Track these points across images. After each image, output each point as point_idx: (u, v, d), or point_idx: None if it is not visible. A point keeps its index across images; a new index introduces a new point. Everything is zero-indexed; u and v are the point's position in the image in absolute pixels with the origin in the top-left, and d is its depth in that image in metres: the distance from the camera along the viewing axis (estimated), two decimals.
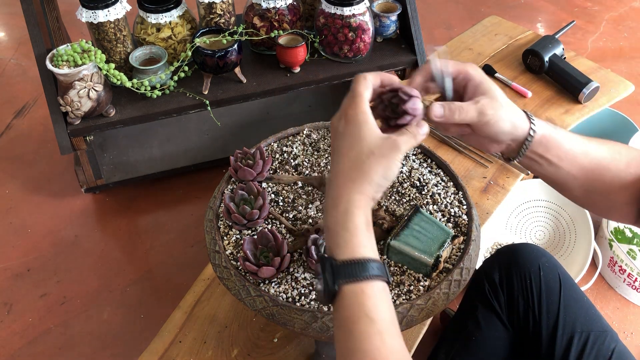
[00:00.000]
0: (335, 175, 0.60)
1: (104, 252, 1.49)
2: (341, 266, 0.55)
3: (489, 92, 0.66)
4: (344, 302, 0.55)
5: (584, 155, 0.71)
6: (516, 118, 0.67)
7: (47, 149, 1.76)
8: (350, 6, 1.33)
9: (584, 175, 0.71)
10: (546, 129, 0.69)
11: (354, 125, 0.60)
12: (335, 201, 0.58)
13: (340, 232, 0.57)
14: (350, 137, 0.59)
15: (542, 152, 0.69)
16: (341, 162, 0.59)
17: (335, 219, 0.58)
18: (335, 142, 0.61)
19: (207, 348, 0.94)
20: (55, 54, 1.22)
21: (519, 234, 1.52)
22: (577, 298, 0.89)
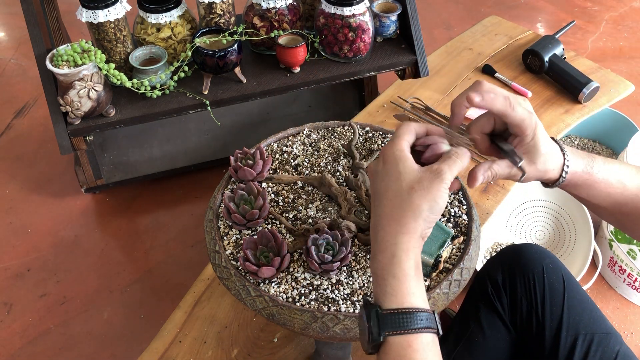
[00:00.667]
0: (377, 218, 0.56)
1: (104, 252, 1.49)
2: (387, 316, 0.52)
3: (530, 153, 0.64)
4: (389, 355, 0.52)
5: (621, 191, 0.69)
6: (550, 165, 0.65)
7: (47, 149, 1.76)
8: (350, 6, 1.33)
9: (618, 209, 0.70)
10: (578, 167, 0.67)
11: (390, 163, 0.57)
12: (380, 245, 0.55)
13: (387, 279, 0.54)
14: (388, 176, 0.57)
15: (571, 190, 0.69)
16: (382, 204, 0.56)
17: (382, 265, 0.55)
18: (373, 184, 0.59)
19: (207, 348, 0.94)
20: (55, 54, 1.22)
21: (519, 234, 1.52)
22: (581, 300, 0.88)
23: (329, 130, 0.96)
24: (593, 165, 0.68)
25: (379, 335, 0.52)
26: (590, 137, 1.72)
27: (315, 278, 0.75)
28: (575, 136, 1.72)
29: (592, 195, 0.69)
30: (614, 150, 1.68)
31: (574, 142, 1.71)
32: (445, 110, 1.43)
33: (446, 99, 1.47)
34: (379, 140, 0.95)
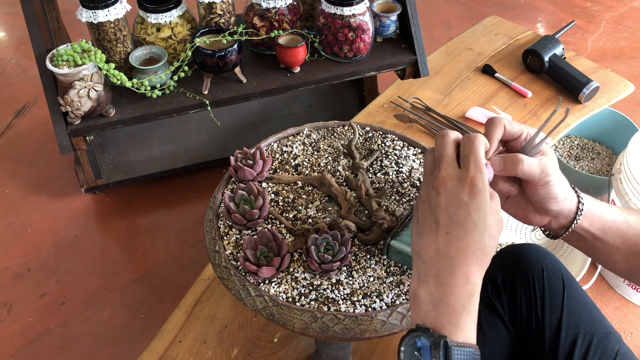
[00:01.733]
0: (457, 251, 0.56)
1: (104, 252, 1.49)
2: (457, 348, 0.53)
3: (548, 154, 0.64)
4: None
5: (627, 227, 0.69)
6: (568, 189, 0.66)
7: (47, 149, 1.76)
8: (350, 6, 1.33)
9: (627, 247, 0.70)
10: (590, 202, 0.68)
11: (481, 202, 0.57)
12: (458, 279, 0.55)
13: (461, 313, 0.54)
14: (477, 215, 0.56)
15: (587, 226, 0.68)
16: (464, 239, 0.56)
17: (457, 297, 0.55)
18: (452, 207, 0.57)
19: (207, 348, 0.94)
20: (55, 54, 1.22)
21: (519, 234, 1.51)
22: (581, 299, 0.88)
23: (329, 130, 0.96)
24: (600, 204, 0.70)
25: None
26: (590, 137, 1.72)
27: (315, 278, 0.75)
28: (575, 136, 1.72)
29: (605, 231, 0.69)
30: (614, 150, 1.68)
31: (574, 142, 1.71)
32: (445, 110, 1.43)
33: (446, 99, 1.47)
34: (379, 140, 0.95)
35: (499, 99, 1.45)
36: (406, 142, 0.96)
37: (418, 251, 0.59)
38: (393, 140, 0.95)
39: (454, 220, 0.57)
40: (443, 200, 0.58)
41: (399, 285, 0.75)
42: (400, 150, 0.94)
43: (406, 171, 0.90)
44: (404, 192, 0.87)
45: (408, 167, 0.90)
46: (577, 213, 0.67)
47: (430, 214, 0.58)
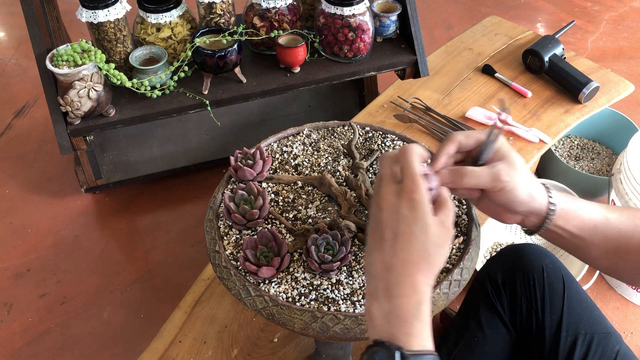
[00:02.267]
0: (400, 262, 0.58)
1: (104, 252, 1.49)
2: (412, 356, 0.54)
3: (506, 158, 0.65)
4: None
5: (605, 224, 0.70)
6: (534, 189, 0.66)
7: (47, 149, 1.76)
8: (350, 6, 1.33)
9: (606, 245, 0.70)
10: (564, 201, 0.68)
11: (420, 213, 0.58)
12: (405, 290, 0.57)
13: (412, 322, 0.56)
14: (417, 226, 0.58)
15: (562, 224, 0.69)
16: (407, 251, 0.58)
17: (406, 308, 0.56)
18: (393, 221, 0.59)
19: (207, 348, 0.94)
20: (55, 54, 1.22)
21: (519, 233, 1.51)
22: (581, 299, 0.88)
23: (329, 130, 0.96)
24: (573, 198, 0.70)
25: None
26: (590, 137, 1.72)
27: (315, 278, 0.75)
28: (575, 136, 1.72)
29: (582, 228, 0.69)
30: (614, 150, 1.68)
31: (574, 142, 1.71)
32: (445, 110, 1.43)
33: (446, 99, 1.47)
34: (379, 140, 0.96)
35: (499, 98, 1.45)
36: (406, 142, 0.96)
37: (368, 267, 0.60)
38: (393, 140, 0.95)
39: (397, 234, 0.58)
40: (385, 215, 0.59)
41: None
42: None
43: None
44: None
45: None
46: (549, 212, 0.68)
47: (377, 231, 0.60)
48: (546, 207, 0.68)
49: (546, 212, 0.68)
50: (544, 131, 1.36)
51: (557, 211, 0.68)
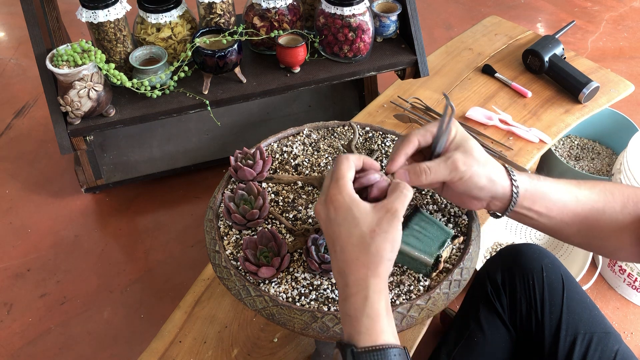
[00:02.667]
0: (343, 263, 0.58)
1: (104, 252, 1.49)
2: (363, 354, 0.54)
3: (462, 146, 0.65)
4: None
5: (575, 202, 0.69)
6: (494, 173, 0.66)
7: (47, 149, 1.76)
8: (350, 6, 1.33)
9: (578, 222, 0.70)
10: (529, 183, 0.68)
11: (345, 210, 0.59)
12: (352, 289, 0.57)
13: (361, 319, 0.56)
14: (346, 222, 0.58)
15: (529, 205, 0.69)
16: (346, 250, 0.58)
17: (355, 307, 0.57)
18: (329, 229, 0.60)
19: (207, 348, 0.94)
20: (55, 54, 1.22)
21: (519, 234, 1.51)
22: (580, 299, 0.88)
23: (329, 130, 0.96)
24: (539, 179, 0.70)
25: None
26: (590, 137, 1.72)
27: (315, 278, 0.75)
28: (575, 136, 1.72)
29: (550, 208, 0.69)
30: (614, 150, 1.68)
31: (574, 142, 1.71)
32: None
33: None
34: (379, 140, 0.96)
35: (499, 99, 1.45)
36: None
37: (339, 286, 0.61)
38: (393, 140, 0.95)
39: (333, 238, 0.59)
40: (323, 227, 0.61)
41: (399, 285, 0.75)
42: None
43: None
44: None
45: None
46: (512, 195, 0.68)
47: (331, 249, 0.61)
48: (509, 191, 0.68)
49: (510, 196, 0.68)
50: (544, 131, 1.36)
51: (521, 193, 0.67)
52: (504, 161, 1.24)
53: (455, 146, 0.66)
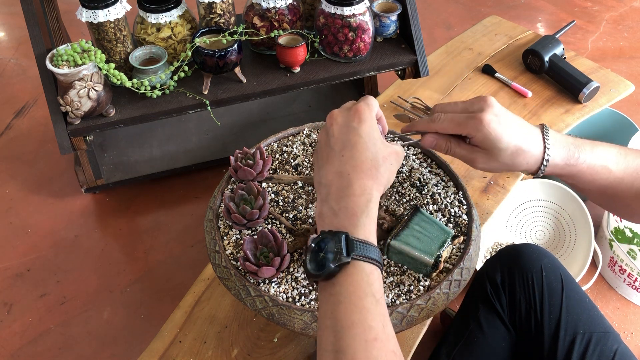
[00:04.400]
0: (352, 169, 0.61)
1: (104, 252, 1.49)
2: (357, 242, 0.56)
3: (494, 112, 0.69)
4: (351, 278, 0.55)
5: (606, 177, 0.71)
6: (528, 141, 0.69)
7: (47, 149, 1.76)
8: (350, 6, 1.33)
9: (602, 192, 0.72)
10: (562, 165, 0.70)
11: (369, 126, 0.62)
12: (356, 190, 0.60)
13: (360, 216, 0.59)
14: (366, 137, 0.62)
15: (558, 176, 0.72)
16: (359, 158, 0.61)
17: (358, 204, 0.59)
18: (344, 135, 0.62)
19: (207, 348, 0.94)
20: (55, 54, 1.22)
21: (519, 234, 1.52)
22: (580, 299, 0.89)
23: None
24: (579, 156, 0.71)
25: (348, 256, 0.55)
26: (591, 137, 1.71)
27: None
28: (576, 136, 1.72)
29: (576, 183, 0.72)
30: None
31: None
32: None
33: (446, 99, 1.47)
34: None
35: (499, 98, 1.45)
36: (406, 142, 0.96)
37: (319, 180, 0.63)
38: (393, 140, 0.95)
39: (347, 145, 0.62)
40: (336, 130, 0.63)
41: (399, 285, 0.75)
42: None
43: (406, 171, 0.90)
44: (404, 192, 0.87)
45: (408, 167, 0.90)
46: (540, 170, 0.71)
47: (326, 147, 0.64)
48: (537, 165, 0.70)
49: (536, 171, 0.71)
50: None
51: (549, 171, 0.70)
52: None
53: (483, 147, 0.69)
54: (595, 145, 0.71)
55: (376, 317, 0.53)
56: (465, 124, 0.68)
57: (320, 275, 0.56)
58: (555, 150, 0.69)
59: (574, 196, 1.44)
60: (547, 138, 0.69)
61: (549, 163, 0.69)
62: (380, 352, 0.51)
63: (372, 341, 0.51)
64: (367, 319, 0.53)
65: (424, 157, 0.93)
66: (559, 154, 0.69)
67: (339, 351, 0.52)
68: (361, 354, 0.50)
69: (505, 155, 0.68)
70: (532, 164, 0.69)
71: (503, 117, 0.68)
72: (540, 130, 0.71)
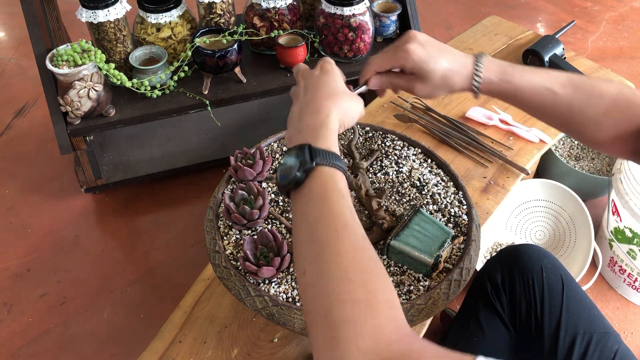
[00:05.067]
0: (315, 95, 0.69)
1: (104, 252, 1.49)
2: (320, 151, 0.61)
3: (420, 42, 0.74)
4: (318, 181, 0.60)
5: (550, 95, 0.73)
6: (458, 63, 0.73)
7: (47, 149, 1.76)
8: (350, 6, 1.33)
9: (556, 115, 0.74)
10: (497, 82, 0.74)
11: (332, 72, 0.71)
12: (318, 109, 0.67)
13: (320, 130, 0.64)
14: (327, 77, 0.71)
15: (499, 98, 0.75)
16: (321, 88, 0.69)
17: (318, 120, 0.66)
18: (310, 80, 0.71)
19: (207, 348, 0.94)
20: (55, 54, 1.22)
21: (519, 234, 1.51)
22: (580, 299, 0.88)
23: None
24: (514, 73, 0.73)
25: (312, 162, 0.60)
26: None
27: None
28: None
29: (523, 104, 0.75)
30: None
31: (574, 141, 1.71)
32: (445, 110, 1.43)
33: (446, 99, 1.47)
34: (379, 140, 0.95)
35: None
36: (406, 142, 0.96)
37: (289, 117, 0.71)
38: (393, 140, 0.95)
39: (309, 85, 0.71)
40: (301, 79, 0.72)
41: (399, 286, 0.75)
42: (400, 150, 0.94)
43: (406, 171, 0.90)
44: (404, 192, 0.87)
45: (408, 167, 0.90)
46: (473, 85, 0.74)
47: (295, 95, 0.72)
48: (469, 84, 0.74)
49: (471, 89, 0.74)
50: (544, 131, 1.36)
51: (485, 89, 0.74)
52: (504, 161, 1.24)
53: (414, 72, 0.74)
54: (539, 69, 0.74)
55: (344, 207, 0.57)
56: (396, 57, 0.74)
57: (289, 183, 0.60)
58: (487, 68, 0.73)
59: (574, 196, 1.44)
60: (478, 59, 0.74)
61: (482, 79, 0.73)
62: (352, 236, 0.54)
63: (343, 228, 0.55)
64: (335, 209, 0.57)
65: (424, 157, 0.93)
66: (491, 70, 0.73)
67: (314, 240, 0.55)
68: (334, 238, 0.54)
69: (437, 78, 0.73)
70: (465, 83, 0.74)
71: (428, 44, 0.74)
72: (474, 54, 0.76)
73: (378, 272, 0.53)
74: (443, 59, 0.73)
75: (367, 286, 0.50)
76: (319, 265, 0.53)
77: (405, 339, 0.48)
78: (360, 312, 0.48)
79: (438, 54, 0.73)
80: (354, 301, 0.49)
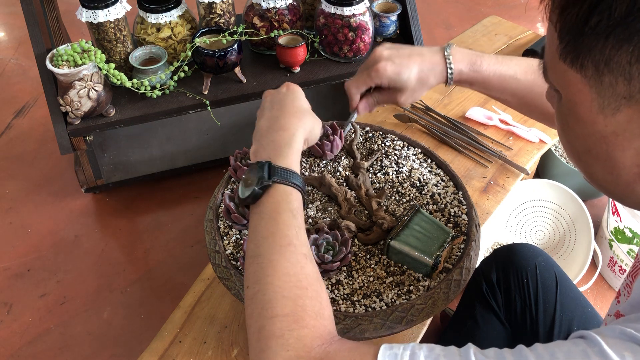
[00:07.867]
0: (281, 113, 0.72)
1: (104, 252, 1.49)
2: (278, 169, 0.64)
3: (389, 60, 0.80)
4: (273, 198, 0.63)
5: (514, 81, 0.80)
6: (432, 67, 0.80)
7: (47, 149, 1.76)
8: (350, 6, 1.33)
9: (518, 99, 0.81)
10: (467, 73, 0.81)
11: (298, 92, 0.75)
12: (283, 126, 0.70)
13: (283, 148, 0.67)
14: (293, 95, 0.74)
15: (468, 86, 0.83)
16: (287, 106, 0.73)
17: (282, 137, 0.69)
18: (277, 96, 0.75)
19: (207, 348, 0.94)
20: (55, 54, 1.22)
21: (519, 234, 1.52)
22: (574, 297, 0.89)
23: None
24: (482, 62, 0.80)
25: (270, 179, 0.63)
26: None
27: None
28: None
29: (490, 90, 0.81)
30: None
31: None
32: (445, 110, 1.43)
33: (446, 99, 1.47)
34: (379, 140, 0.96)
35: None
36: (406, 142, 0.96)
37: (255, 132, 0.73)
38: (393, 140, 0.96)
39: (276, 102, 0.74)
40: (268, 97, 0.77)
41: (399, 285, 0.75)
42: (400, 150, 0.94)
43: (406, 171, 0.90)
44: (404, 192, 0.87)
45: (408, 167, 0.90)
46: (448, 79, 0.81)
47: (261, 111, 0.75)
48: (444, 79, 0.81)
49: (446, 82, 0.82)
50: (544, 131, 1.36)
51: (456, 81, 0.82)
52: (504, 161, 1.24)
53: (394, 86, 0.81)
54: (503, 58, 0.80)
55: (291, 227, 0.60)
56: (371, 78, 0.79)
57: (248, 197, 0.63)
58: (456, 60, 0.79)
59: (574, 196, 1.44)
60: (447, 54, 0.79)
61: (454, 71, 0.79)
62: (292, 255, 0.58)
63: (287, 246, 0.58)
64: (282, 229, 0.60)
65: (424, 157, 0.93)
66: (460, 61, 0.79)
67: (258, 255, 0.59)
68: (276, 256, 0.58)
69: (413, 83, 0.78)
70: (440, 78, 0.80)
71: (395, 56, 0.78)
72: (441, 48, 0.81)
73: (314, 287, 0.56)
74: (413, 64, 0.79)
75: (297, 301, 0.54)
76: (258, 281, 0.56)
77: (325, 344, 0.52)
78: (288, 325, 0.52)
79: (408, 61, 0.79)
80: (283, 316, 0.53)
